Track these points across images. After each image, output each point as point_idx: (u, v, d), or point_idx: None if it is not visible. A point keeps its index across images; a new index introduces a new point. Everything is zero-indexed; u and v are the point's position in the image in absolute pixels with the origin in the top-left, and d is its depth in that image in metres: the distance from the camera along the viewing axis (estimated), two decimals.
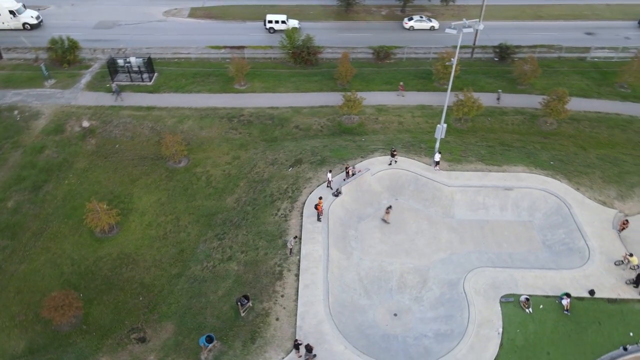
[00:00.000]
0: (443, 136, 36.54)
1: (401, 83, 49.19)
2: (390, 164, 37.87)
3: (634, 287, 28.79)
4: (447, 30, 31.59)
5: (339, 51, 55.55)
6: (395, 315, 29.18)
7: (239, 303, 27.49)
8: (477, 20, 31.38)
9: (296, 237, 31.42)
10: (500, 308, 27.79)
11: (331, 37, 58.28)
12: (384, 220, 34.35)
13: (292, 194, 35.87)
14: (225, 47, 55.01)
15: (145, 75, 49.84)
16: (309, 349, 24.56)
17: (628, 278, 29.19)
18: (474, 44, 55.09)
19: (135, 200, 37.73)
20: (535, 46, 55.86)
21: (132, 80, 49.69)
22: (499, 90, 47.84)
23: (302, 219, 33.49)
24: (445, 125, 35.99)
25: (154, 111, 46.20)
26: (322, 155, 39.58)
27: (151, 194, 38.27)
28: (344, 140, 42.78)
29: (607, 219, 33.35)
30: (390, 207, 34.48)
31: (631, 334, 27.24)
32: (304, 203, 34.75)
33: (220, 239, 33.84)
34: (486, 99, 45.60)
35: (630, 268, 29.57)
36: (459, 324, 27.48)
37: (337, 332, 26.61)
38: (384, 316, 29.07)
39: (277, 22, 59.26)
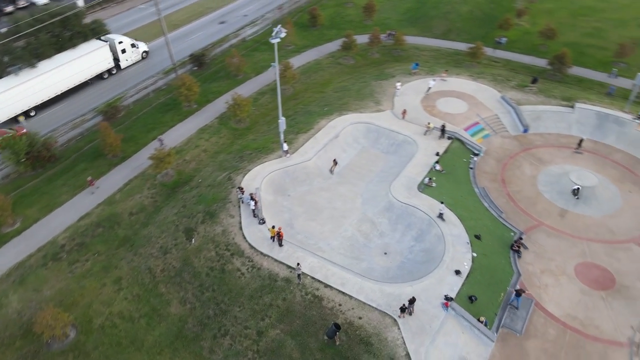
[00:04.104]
0: (285, 127, 42.07)
1: (89, 178, 41.61)
2: (240, 198, 38.13)
3: (442, 137, 45.11)
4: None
5: (63, 133, 48.97)
6: (385, 253, 36.01)
7: (335, 334, 28.27)
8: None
9: (299, 264, 32.45)
10: (424, 195, 38.85)
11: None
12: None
13: (231, 250, 34.70)
14: None
15: None
16: (412, 300, 29.34)
17: (438, 136, 45.20)
18: (174, 63, 58.21)
19: None
20: (214, 43, 64.07)
21: None
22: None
23: (269, 257, 33.86)
24: (284, 119, 41.53)
25: None
26: (199, 211, 38.25)
27: None
28: (189, 191, 41.75)
29: (393, 117, 48.25)
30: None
31: (469, 157, 43.85)
32: (252, 247, 34.70)
33: (224, 334, 30.64)
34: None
35: (433, 130, 45.60)
36: (419, 222, 37.00)
37: (398, 284, 31.84)
38: (383, 259, 35.28)
39: None
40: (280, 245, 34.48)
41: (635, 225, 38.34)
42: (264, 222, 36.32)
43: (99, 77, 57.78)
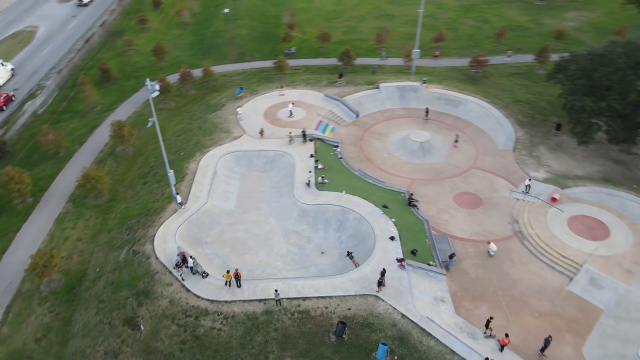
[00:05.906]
0: (175, 182, 40.02)
1: None
2: (180, 275, 34.97)
3: (306, 141, 49.75)
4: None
5: None
6: (322, 253, 39.00)
7: (344, 331, 30.21)
8: None
9: (276, 290, 32.56)
10: (325, 191, 42.88)
11: None
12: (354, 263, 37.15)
13: (193, 315, 32.36)
14: None
15: None
16: (383, 272, 33.33)
17: (302, 142, 49.52)
18: None
19: None
20: (8, 123, 54.29)
21: None
22: None
23: (236, 301, 32.96)
24: (172, 172, 39.51)
25: None
26: (127, 296, 34.27)
27: None
28: (93, 286, 36.68)
29: (251, 139, 50.23)
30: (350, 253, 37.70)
31: (333, 150, 49.60)
32: (212, 301, 33.08)
33: None
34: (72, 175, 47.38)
35: (295, 138, 49.75)
36: (335, 215, 41.00)
37: (359, 268, 35.31)
38: (324, 258, 38.24)
39: None
40: (239, 286, 34.02)
41: (466, 156, 50.53)
42: (207, 275, 34.95)
43: None
